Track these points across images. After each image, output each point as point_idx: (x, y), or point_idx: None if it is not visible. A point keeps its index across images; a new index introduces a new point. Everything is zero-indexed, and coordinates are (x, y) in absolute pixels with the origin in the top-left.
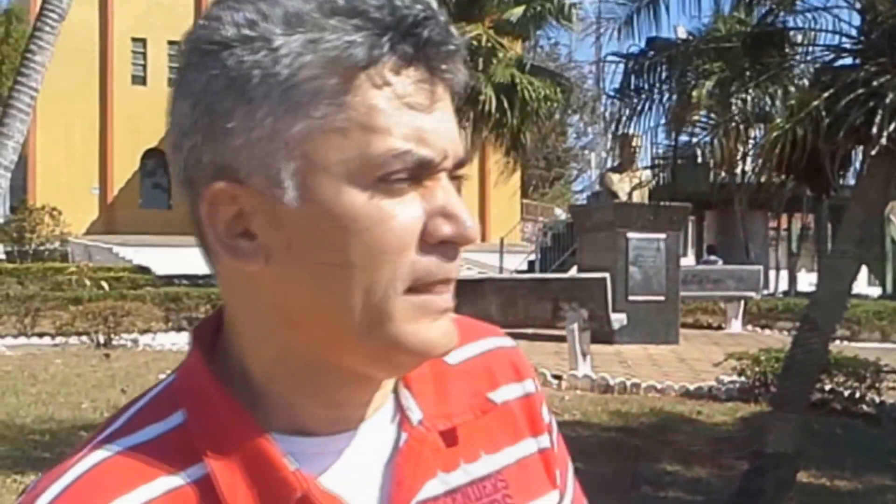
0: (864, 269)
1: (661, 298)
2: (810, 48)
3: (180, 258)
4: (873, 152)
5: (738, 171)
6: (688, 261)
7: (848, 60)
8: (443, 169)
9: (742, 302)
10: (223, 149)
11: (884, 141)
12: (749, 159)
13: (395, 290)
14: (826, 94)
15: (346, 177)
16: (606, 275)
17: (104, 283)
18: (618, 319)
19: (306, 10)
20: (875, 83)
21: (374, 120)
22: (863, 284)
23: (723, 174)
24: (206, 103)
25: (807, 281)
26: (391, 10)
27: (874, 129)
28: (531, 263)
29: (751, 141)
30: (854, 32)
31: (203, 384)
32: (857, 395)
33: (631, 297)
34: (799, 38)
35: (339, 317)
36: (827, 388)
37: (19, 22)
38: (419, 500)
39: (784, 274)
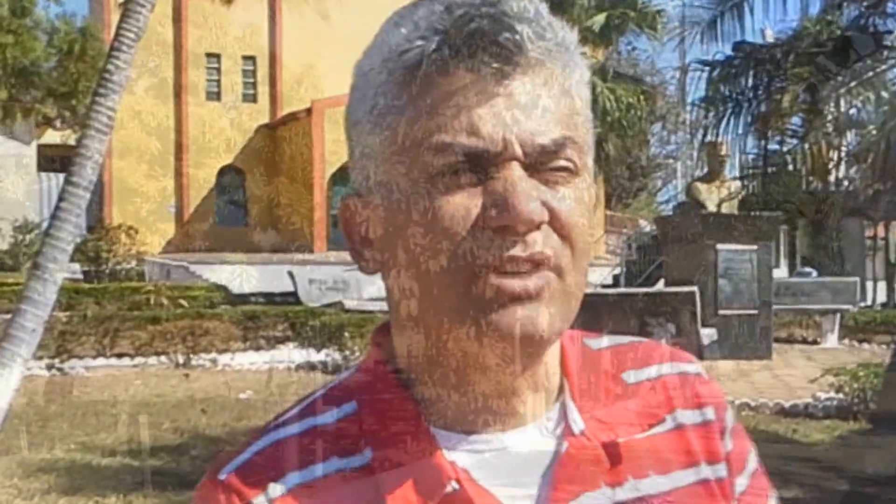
0: None
1: (753, 312)
2: None
3: (256, 276)
4: None
5: (832, 178)
6: (780, 272)
7: None
8: (509, 158)
9: (838, 315)
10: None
11: None
12: (843, 166)
13: (459, 269)
14: None
15: (411, 172)
16: (695, 288)
17: (183, 302)
18: (707, 334)
19: (394, 33)
20: None
21: (428, 116)
22: None
23: (815, 182)
24: None
25: None
26: (447, 14)
27: None
28: (616, 277)
29: (843, 147)
30: None
31: (374, 379)
32: None
33: (721, 311)
34: (890, 41)
35: (431, 296)
36: None
37: (94, 39)
38: None
39: (882, 285)
